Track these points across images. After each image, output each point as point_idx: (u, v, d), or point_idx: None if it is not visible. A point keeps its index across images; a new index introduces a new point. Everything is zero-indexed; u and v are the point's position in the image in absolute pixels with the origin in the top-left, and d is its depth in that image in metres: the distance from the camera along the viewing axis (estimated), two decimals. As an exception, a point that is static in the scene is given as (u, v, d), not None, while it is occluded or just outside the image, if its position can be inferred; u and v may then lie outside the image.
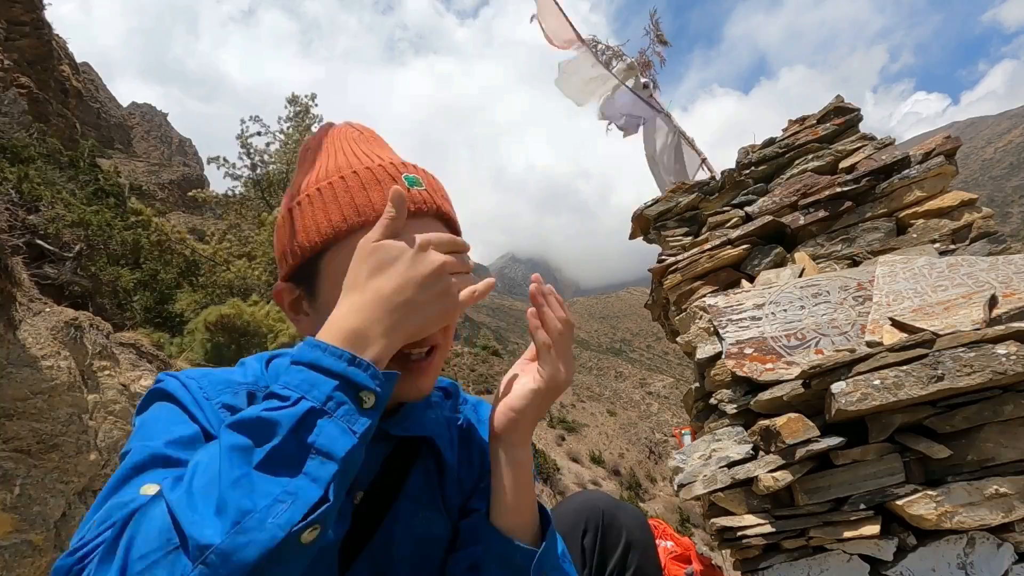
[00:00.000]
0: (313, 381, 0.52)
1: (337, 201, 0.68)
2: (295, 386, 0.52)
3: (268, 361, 0.77)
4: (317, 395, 0.51)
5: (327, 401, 0.51)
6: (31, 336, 2.43)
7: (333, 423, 0.51)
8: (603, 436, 25.85)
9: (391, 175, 0.70)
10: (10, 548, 2.02)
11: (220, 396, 0.66)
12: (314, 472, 0.49)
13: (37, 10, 16.74)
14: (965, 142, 2.73)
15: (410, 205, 0.66)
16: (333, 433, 0.51)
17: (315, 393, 0.51)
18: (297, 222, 0.70)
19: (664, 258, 2.86)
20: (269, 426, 0.49)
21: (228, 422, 0.51)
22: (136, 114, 58.09)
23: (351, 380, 0.53)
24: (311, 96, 13.93)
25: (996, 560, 1.56)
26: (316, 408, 0.51)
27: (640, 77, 4.35)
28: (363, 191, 0.68)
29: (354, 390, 0.53)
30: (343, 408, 0.52)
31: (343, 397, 0.52)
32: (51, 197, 7.14)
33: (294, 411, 0.50)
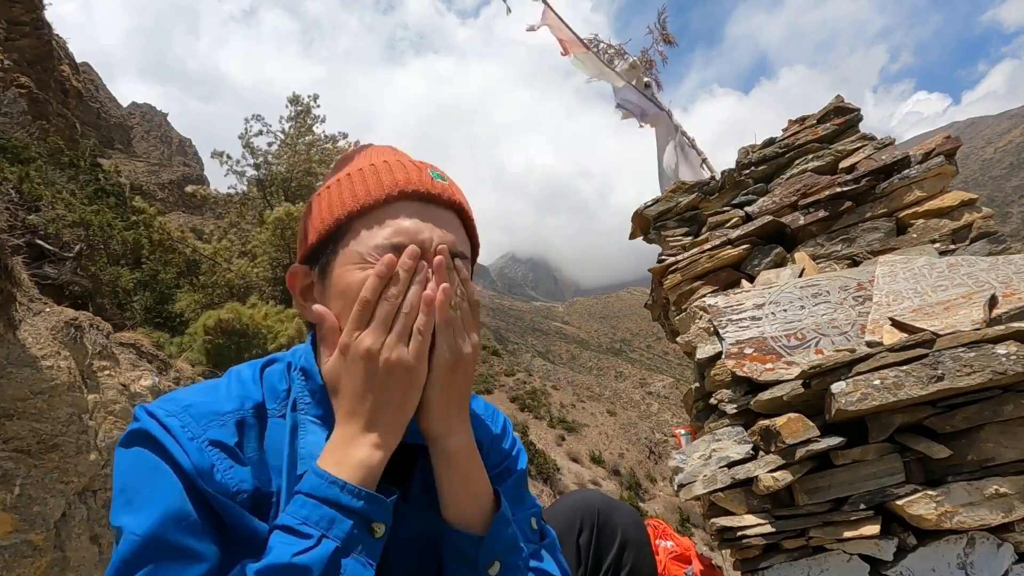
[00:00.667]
0: (332, 519, 0.56)
1: (355, 187, 0.71)
2: (315, 523, 0.55)
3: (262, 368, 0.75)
4: (337, 533, 0.55)
5: (349, 540, 0.56)
6: (31, 336, 2.44)
7: (354, 561, 0.55)
8: (603, 436, 25.85)
9: (416, 167, 0.73)
10: (10, 548, 2.02)
11: (206, 432, 0.63)
12: None
13: (37, 10, 16.74)
14: (965, 142, 2.73)
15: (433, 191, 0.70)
16: (356, 570, 0.55)
17: (335, 531, 0.55)
18: (322, 203, 0.73)
19: (664, 258, 2.86)
20: (301, 571, 0.52)
21: (259, 567, 0.53)
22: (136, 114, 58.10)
23: (368, 518, 0.58)
24: (313, 96, 13.93)
25: (996, 560, 1.56)
26: (339, 547, 0.55)
27: (642, 76, 4.36)
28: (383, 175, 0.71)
29: (368, 523, 0.58)
30: (362, 545, 0.57)
31: (361, 535, 0.57)
32: (51, 197, 7.14)
33: (320, 553, 0.54)
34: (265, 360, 0.77)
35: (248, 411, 0.68)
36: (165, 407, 0.64)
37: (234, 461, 0.63)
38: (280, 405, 0.71)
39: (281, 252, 11.06)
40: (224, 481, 0.61)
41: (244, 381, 0.72)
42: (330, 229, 0.71)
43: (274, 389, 0.72)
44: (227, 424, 0.65)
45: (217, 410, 0.66)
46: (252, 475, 0.64)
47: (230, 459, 0.63)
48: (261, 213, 12.22)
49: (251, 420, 0.68)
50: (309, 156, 13.18)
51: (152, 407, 0.65)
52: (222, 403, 0.67)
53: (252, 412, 0.68)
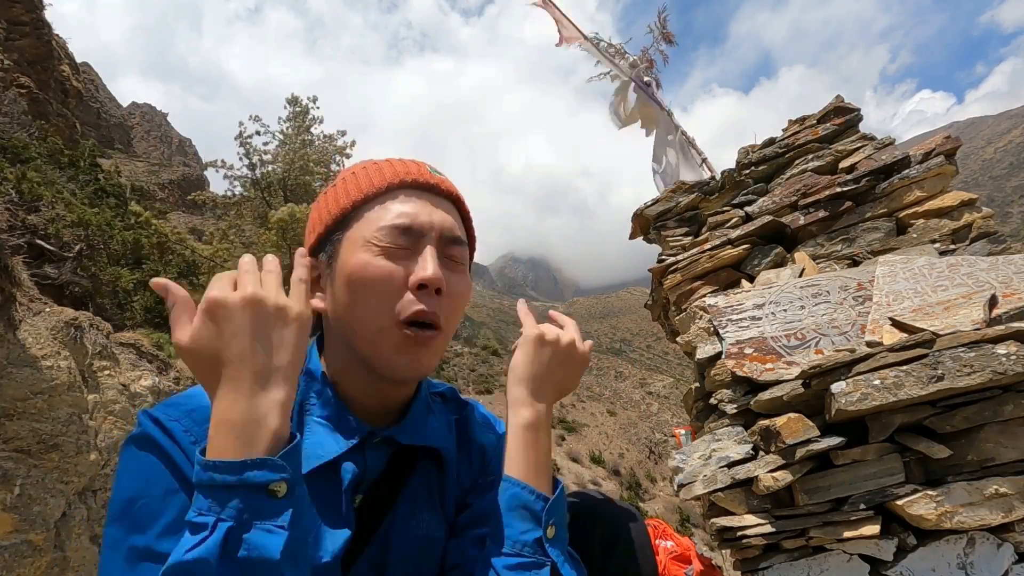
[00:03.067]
0: (219, 500, 0.51)
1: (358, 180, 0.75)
2: (207, 510, 0.51)
3: None
4: (229, 512, 0.51)
5: (241, 515, 0.51)
6: (31, 336, 2.43)
7: (255, 533, 0.51)
8: (603, 436, 25.84)
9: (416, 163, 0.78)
10: (10, 548, 2.02)
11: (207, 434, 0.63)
12: None
13: (37, 10, 16.73)
14: (965, 142, 2.73)
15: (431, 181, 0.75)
16: (260, 542, 0.51)
17: (227, 511, 0.51)
18: (328, 198, 0.77)
19: (664, 258, 2.86)
20: (200, 566, 0.49)
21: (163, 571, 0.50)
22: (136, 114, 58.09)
23: (254, 484, 0.52)
24: (312, 98, 13.93)
25: (996, 560, 1.56)
26: (234, 527, 0.50)
27: (642, 75, 4.35)
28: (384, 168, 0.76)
29: (261, 489, 0.52)
30: (260, 512, 0.52)
31: (257, 503, 0.52)
32: (51, 197, 7.14)
33: (215, 539, 0.49)
34: None
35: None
36: (168, 412, 0.64)
37: None
38: None
39: (283, 254, 11.06)
40: None
41: None
42: (336, 218, 0.74)
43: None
44: None
45: None
46: None
47: None
48: (264, 215, 12.22)
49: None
50: (307, 156, 13.18)
51: (155, 412, 0.65)
52: None
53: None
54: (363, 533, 0.70)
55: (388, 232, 0.70)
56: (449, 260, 0.74)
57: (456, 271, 0.75)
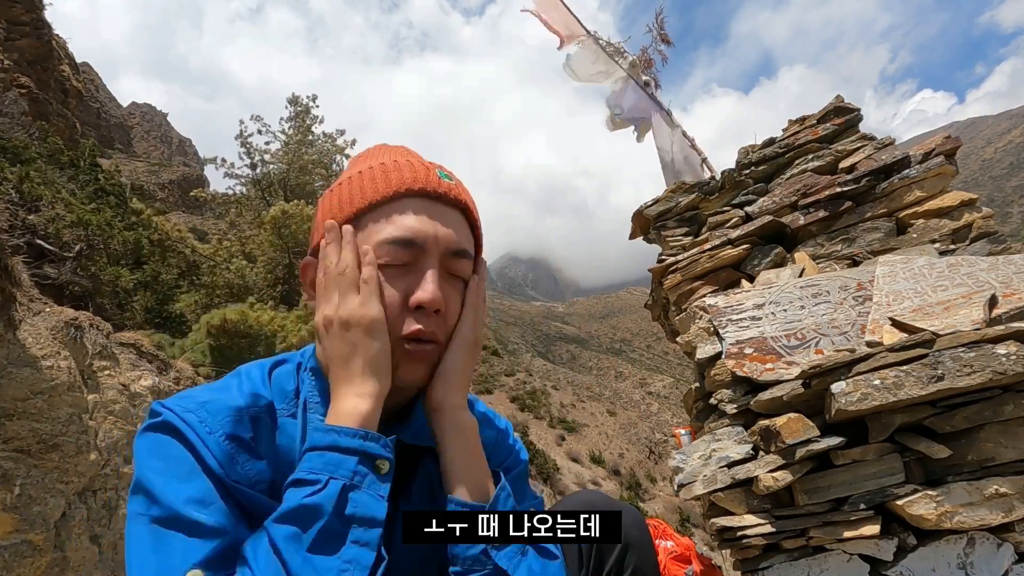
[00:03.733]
0: (336, 462, 0.59)
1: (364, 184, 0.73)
2: (320, 469, 0.59)
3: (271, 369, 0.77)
4: (343, 472, 0.59)
5: (354, 476, 0.59)
6: (31, 336, 2.43)
7: (364, 494, 0.59)
8: (603, 436, 25.84)
9: (425, 166, 0.75)
10: (10, 548, 2.02)
11: (223, 427, 0.65)
12: (362, 538, 0.57)
13: (37, 10, 16.72)
14: (965, 142, 2.73)
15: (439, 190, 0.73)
16: (367, 502, 0.58)
17: (341, 471, 0.59)
18: (333, 199, 0.75)
19: (664, 258, 2.86)
20: (313, 510, 0.56)
21: (273, 516, 0.56)
22: (136, 114, 58.08)
23: (368, 453, 0.61)
24: (312, 97, 13.94)
25: (996, 560, 1.56)
26: (347, 484, 0.58)
27: (641, 75, 4.35)
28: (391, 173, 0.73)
29: (371, 461, 0.61)
30: (368, 479, 0.60)
31: (365, 470, 0.60)
32: (51, 197, 7.13)
33: (329, 491, 0.57)
34: (274, 360, 0.79)
35: (261, 408, 0.70)
36: (181, 403, 0.67)
37: (250, 455, 0.66)
38: (289, 405, 0.73)
39: (279, 252, 11.06)
40: (244, 472, 0.64)
41: (254, 380, 0.74)
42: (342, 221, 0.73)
43: (283, 389, 0.74)
44: (243, 420, 0.68)
45: (232, 406, 0.68)
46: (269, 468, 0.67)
47: (247, 452, 0.66)
48: (259, 214, 12.21)
49: (264, 417, 0.70)
50: (307, 155, 13.19)
51: (168, 402, 0.67)
52: (236, 400, 0.69)
53: (264, 410, 0.71)
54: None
55: (389, 247, 0.69)
56: (451, 275, 0.73)
57: (456, 286, 0.74)
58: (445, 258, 0.72)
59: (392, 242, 0.69)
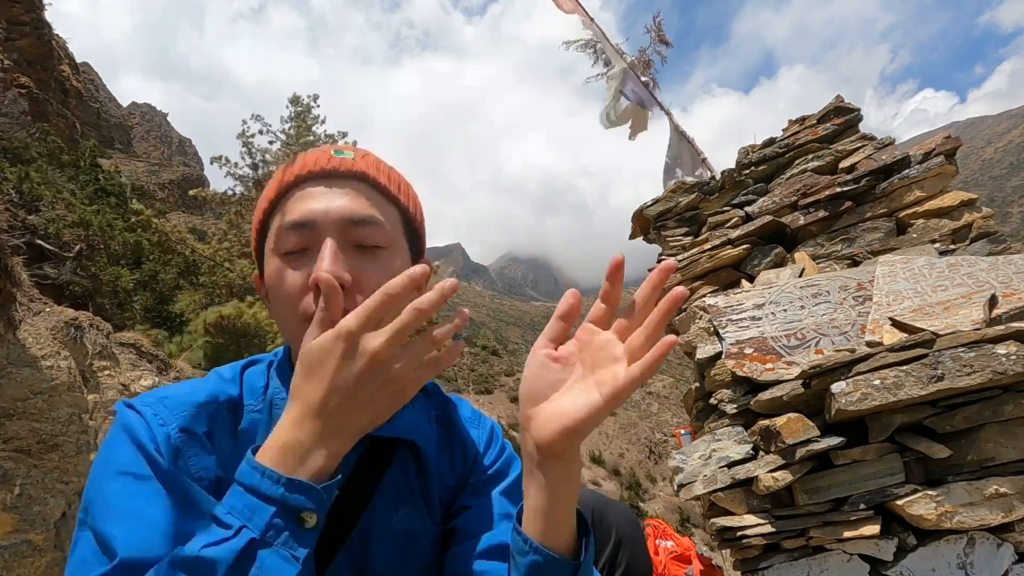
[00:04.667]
0: (253, 507, 0.51)
1: (267, 189, 0.73)
2: (238, 511, 0.51)
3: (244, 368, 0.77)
4: (257, 523, 0.50)
5: (267, 531, 0.50)
6: (31, 336, 2.43)
7: (274, 553, 0.50)
8: (603, 436, 25.84)
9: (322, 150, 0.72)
10: (10, 548, 2.02)
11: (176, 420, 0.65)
12: None
13: (37, 10, 16.73)
14: (965, 142, 2.73)
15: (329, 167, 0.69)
16: (275, 565, 0.50)
17: (256, 520, 0.50)
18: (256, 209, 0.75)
19: (664, 258, 2.86)
20: (209, 566, 0.48)
21: (172, 557, 0.49)
22: (136, 114, 58.06)
23: (289, 505, 0.51)
24: (313, 97, 13.93)
25: (996, 560, 1.56)
26: (256, 539, 0.50)
27: (640, 76, 4.35)
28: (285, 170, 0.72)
29: (294, 513, 0.52)
30: (284, 536, 0.51)
31: (282, 523, 0.51)
32: (51, 197, 7.13)
33: (234, 545, 0.49)
34: (247, 360, 0.80)
35: (221, 404, 0.70)
36: (143, 399, 0.68)
37: (200, 449, 0.65)
38: (257, 401, 0.73)
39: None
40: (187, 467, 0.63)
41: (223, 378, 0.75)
42: (258, 230, 0.74)
43: (253, 387, 0.74)
44: (199, 415, 0.67)
45: (190, 401, 0.68)
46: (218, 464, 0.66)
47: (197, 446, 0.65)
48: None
49: (224, 413, 0.70)
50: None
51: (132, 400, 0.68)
52: (196, 396, 0.69)
53: (225, 406, 0.70)
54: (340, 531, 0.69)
55: (286, 235, 0.67)
56: (360, 247, 0.68)
57: (372, 255, 0.69)
58: (345, 229, 0.67)
59: (287, 229, 0.67)
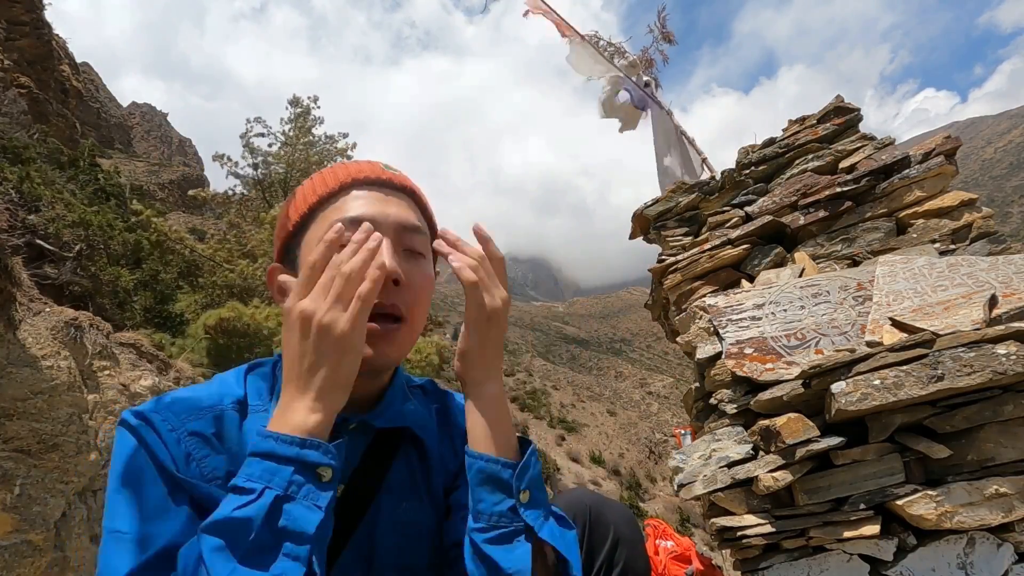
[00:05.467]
0: (273, 470, 0.57)
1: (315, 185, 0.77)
2: (257, 477, 0.57)
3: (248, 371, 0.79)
4: (279, 482, 0.56)
5: (289, 486, 0.57)
6: (31, 336, 2.43)
7: (299, 505, 0.56)
8: (603, 436, 25.84)
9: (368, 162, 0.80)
10: (10, 548, 2.02)
11: (185, 424, 0.67)
12: (293, 552, 0.55)
13: (37, 10, 16.72)
14: (965, 142, 2.73)
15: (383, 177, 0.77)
16: (301, 514, 0.56)
17: (277, 480, 0.56)
18: (289, 207, 0.79)
19: (664, 258, 2.86)
20: (243, 524, 0.54)
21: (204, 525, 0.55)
22: (136, 114, 58.08)
23: (306, 461, 0.58)
24: (313, 98, 13.92)
25: (996, 560, 1.56)
26: (280, 495, 0.56)
27: (642, 75, 4.35)
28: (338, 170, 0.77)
29: (311, 469, 0.58)
30: (304, 488, 0.57)
31: (302, 479, 0.57)
32: (51, 197, 7.13)
33: (261, 503, 0.55)
34: (252, 364, 0.82)
35: (228, 406, 0.72)
36: (150, 405, 0.70)
37: (210, 450, 0.68)
38: (264, 401, 0.75)
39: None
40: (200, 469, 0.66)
41: (227, 381, 0.77)
42: (296, 224, 0.77)
43: (259, 388, 0.77)
44: (205, 417, 0.70)
45: (196, 405, 0.70)
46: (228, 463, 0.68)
47: (207, 447, 0.68)
48: (260, 214, 12.21)
49: (230, 414, 0.72)
50: (308, 156, 13.17)
51: (140, 407, 0.70)
52: (202, 399, 0.72)
53: (232, 407, 0.73)
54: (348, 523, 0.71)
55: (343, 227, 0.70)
56: (408, 251, 0.75)
57: (416, 261, 0.75)
58: (399, 234, 0.74)
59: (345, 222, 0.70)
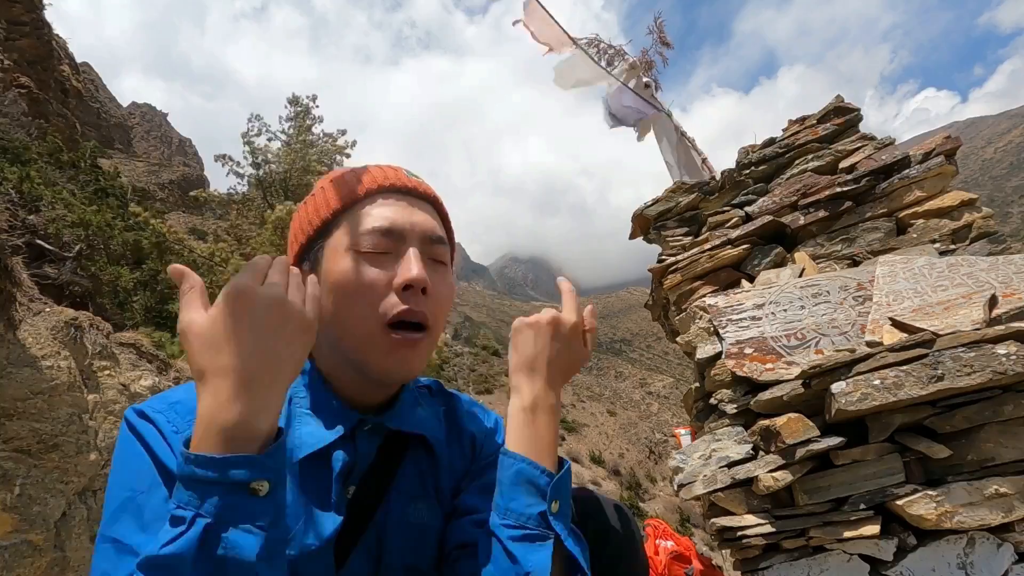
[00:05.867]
0: (201, 495, 0.50)
1: (338, 188, 0.76)
2: (186, 503, 0.50)
3: None
4: (208, 508, 0.50)
5: (221, 512, 0.50)
6: (31, 336, 2.43)
7: (236, 530, 0.50)
8: (603, 436, 25.84)
9: (392, 168, 0.79)
10: (10, 548, 2.02)
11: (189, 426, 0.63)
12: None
13: (37, 10, 16.72)
14: (965, 142, 2.73)
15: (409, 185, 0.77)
16: (238, 539, 0.50)
17: (206, 507, 0.50)
18: (309, 207, 0.78)
19: (664, 258, 2.86)
20: (176, 561, 0.48)
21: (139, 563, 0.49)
22: (136, 114, 58.10)
23: (234, 482, 0.51)
24: (312, 97, 13.92)
25: (996, 560, 1.56)
26: (211, 524, 0.49)
27: (642, 77, 4.35)
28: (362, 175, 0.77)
29: (242, 487, 0.51)
30: (238, 512, 0.51)
31: (238, 501, 0.51)
32: (51, 197, 7.13)
33: (191, 535, 0.48)
34: None
35: None
36: (153, 405, 0.68)
37: None
38: None
39: (281, 252, 11.03)
40: None
41: None
42: (318, 228, 0.76)
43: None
44: None
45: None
46: None
47: None
48: (262, 214, 12.21)
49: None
50: (307, 155, 13.18)
51: (141, 405, 0.68)
52: None
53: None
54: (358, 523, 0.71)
55: (370, 236, 0.71)
56: (432, 261, 0.76)
57: (439, 271, 0.76)
58: (424, 244, 0.75)
59: (372, 231, 0.71)
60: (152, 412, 0.66)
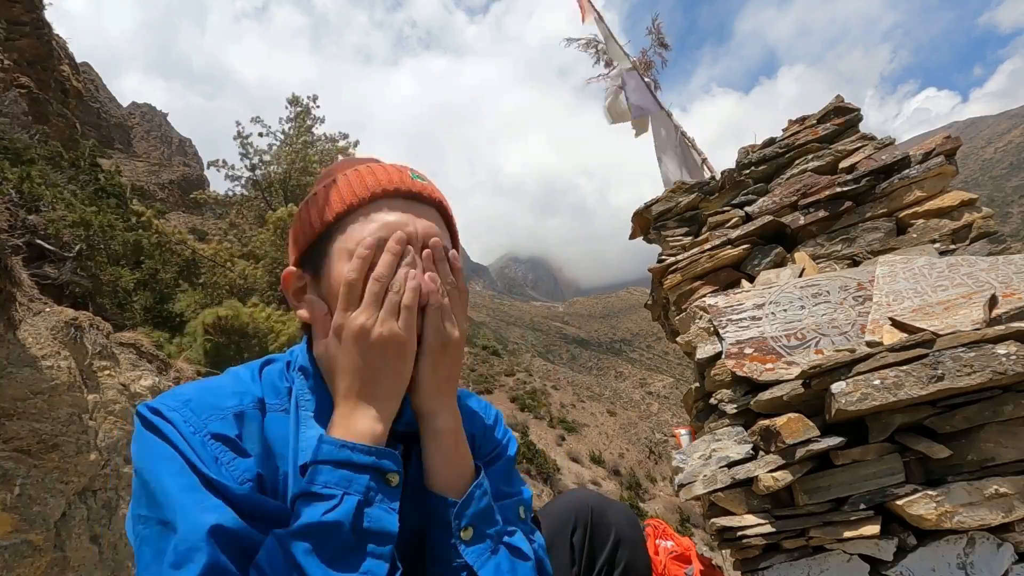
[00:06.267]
0: (350, 478, 0.62)
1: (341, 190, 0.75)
2: (335, 484, 0.61)
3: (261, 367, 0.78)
4: (357, 488, 0.62)
5: (368, 492, 0.62)
6: (31, 336, 2.43)
7: (377, 509, 0.62)
8: (603, 436, 25.85)
9: (397, 169, 0.78)
10: (10, 548, 2.02)
11: (208, 425, 0.66)
12: (377, 551, 0.60)
13: (37, 10, 16.72)
14: (965, 142, 2.73)
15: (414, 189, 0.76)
16: (381, 516, 0.62)
17: (355, 487, 0.62)
18: (311, 209, 0.77)
19: (664, 258, 2.86)
20: (333, 527, 0.58)
21: (292, 530, 0.58)
22: (136, 114, 58.11)
23: (381, 469, 0.64)
24: (312, 97, 13.93)
25: (996, 560, 1.56)
26: (361, 500, 0.61)
27: (642, 77, 4.35)
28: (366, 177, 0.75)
29: (383, 476, 0.64)
30: (380, 494, 0.63)
31: (377, 485, 0.63)
32: (52, 197, 7.13)
33: (345, 508, 0.60)
34: (263, 360, 0.80)
35: (248, 405, 0.71)
36: (167, 403, 0.67)
37: (235, 453, 0.66)
38: (282, 401, 0.74)
39: (282, 253, 11.07)
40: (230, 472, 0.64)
41: (242, 379, 0.75)
42: (320, 231, 0.75)
43: (274, 386, 0.75)
44: (227, 417, 0.68)
45: (217, 404, 0.69)
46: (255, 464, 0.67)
47: (231, 451, 0.66)
48: (262, 215, 12.22)
49: (251, 413, 0.70)
50: (307, 156, 13.18)
51: (155, 403, 0.67)
52: (222, 398, 0.70)
53: (252, 406, 0.71)
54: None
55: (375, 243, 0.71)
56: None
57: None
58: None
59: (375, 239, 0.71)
60: (167, 410, 0.66)
